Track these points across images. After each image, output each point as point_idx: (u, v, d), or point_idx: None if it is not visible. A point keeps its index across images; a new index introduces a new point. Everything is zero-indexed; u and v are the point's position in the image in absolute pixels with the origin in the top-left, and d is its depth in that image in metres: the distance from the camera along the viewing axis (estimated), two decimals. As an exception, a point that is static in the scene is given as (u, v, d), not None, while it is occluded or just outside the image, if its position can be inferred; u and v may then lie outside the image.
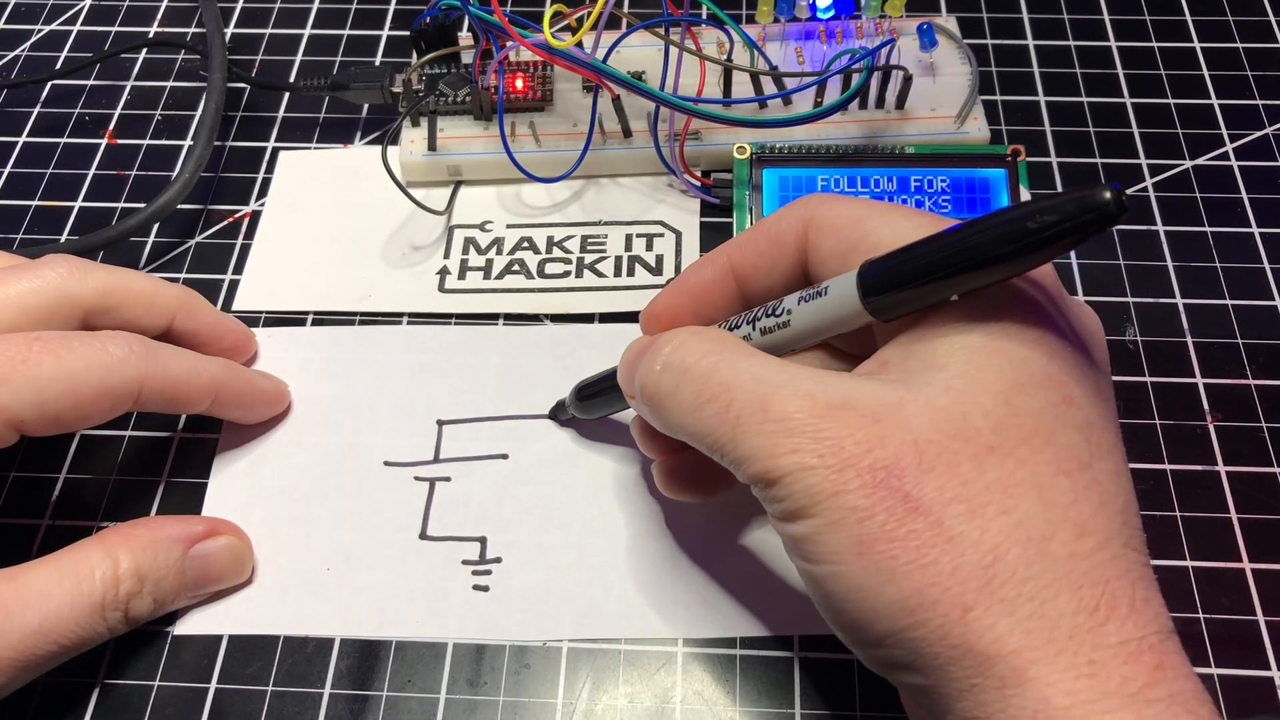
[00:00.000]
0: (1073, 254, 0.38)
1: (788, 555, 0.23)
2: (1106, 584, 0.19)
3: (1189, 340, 0.36)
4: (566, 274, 0.37)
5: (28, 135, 0.43)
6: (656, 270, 0.37)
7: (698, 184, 0.39)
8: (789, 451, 0.21)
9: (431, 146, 0.39)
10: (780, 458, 0.21)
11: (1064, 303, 0.22)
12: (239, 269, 0.38)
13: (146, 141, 0.43)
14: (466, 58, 0.41)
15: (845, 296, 0.22)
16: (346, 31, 0.46)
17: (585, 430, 0.34)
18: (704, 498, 0.29)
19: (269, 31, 0.46)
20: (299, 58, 0.45)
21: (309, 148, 0.42)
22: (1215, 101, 0.42)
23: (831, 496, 0.20)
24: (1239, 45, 0.44)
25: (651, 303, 0.28)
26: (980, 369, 0.21)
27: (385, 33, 0.46)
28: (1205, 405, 0.34)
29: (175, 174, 0.39)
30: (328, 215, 0.40)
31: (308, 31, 0.46)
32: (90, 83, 0.45)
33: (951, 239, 0.20)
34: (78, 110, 0.44)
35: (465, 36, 0.42)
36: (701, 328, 0.26)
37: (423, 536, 0.32)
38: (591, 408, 0.32)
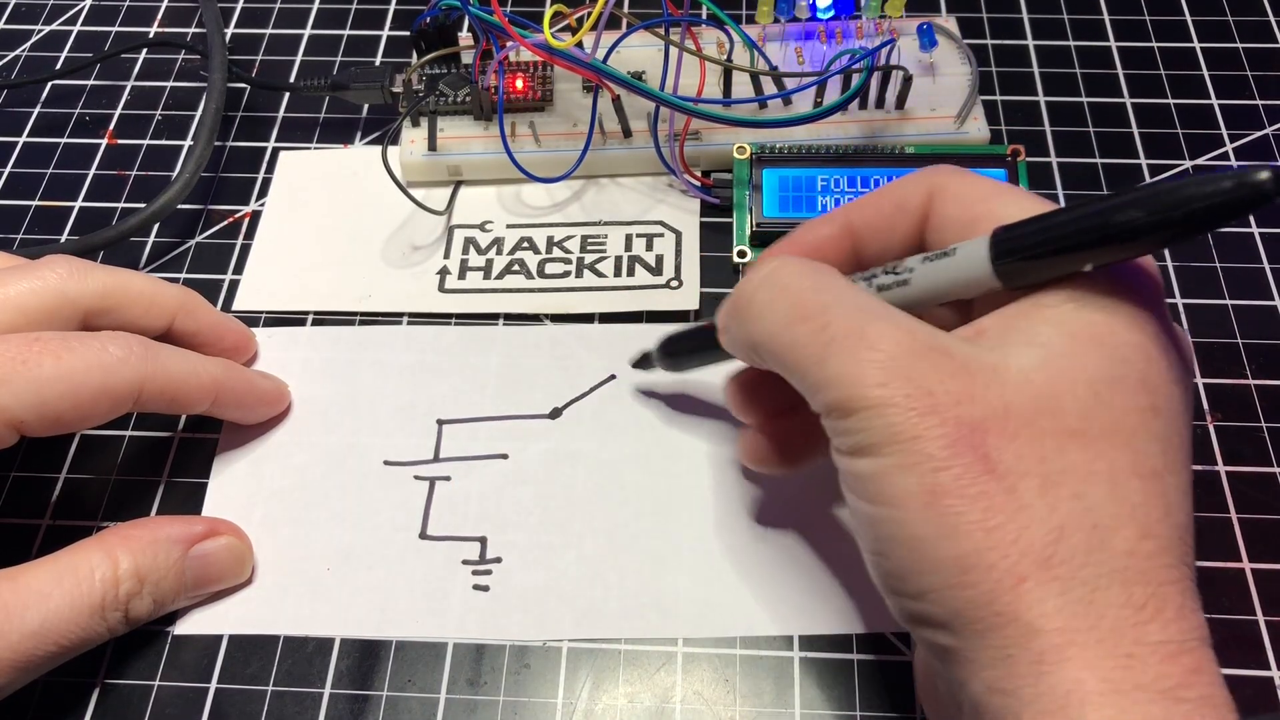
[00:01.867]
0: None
1: (844, 492, 0.22)
2: (1158, 587, 0.19)
3: (1194, 352, 0.36)
4: (566, 274, 0.37)
5: (28, 135, 0.43)
6: (656, 270, 0.37)
7: (698, 184, 0.39)
8: (877, 384, 0.20)
9: (431, 146, 0.39)
10: (867, 388, 0.20)
11: (1167, 314, 0.22)
12: (239, 269, 0.38)
13: (146, 141, 0.43)
14: (466, 58, 0.41)
15: (974, 259, 0.22)
16: (346, 31, 0.46)
17: (586, 430, 0.34)
18: (788, 469, 0.29)
19: (269, 31, 0.46)
20: (299, 58, 0.45)
21: (309, 148, 0.42)
22: (1215, 101, 0.42)
23: (911, 439, 0.20)
24: (1239, 45, 0.44)
25: (762, 255, 0.28)
26: (1079, 356, 0.21)
27: (385, 33, 0.46)
28: (1205, 405, 0.34)
29: (175, 174, 0.39)
30: (328, 215, 0.40)
31: (308, 31, 0.46)
32: (90, 83, 0.45)
33: (1090, 211, 0.20)
34: (78, 110, 0.44)
35: (465, 37, 0.42)
36: (796, 258, 0.25)
37: (423, 536, 0.32)
38: (679, 363, 0.32)
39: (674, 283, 0.37)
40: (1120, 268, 0.22)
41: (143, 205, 0.38)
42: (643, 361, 0.34)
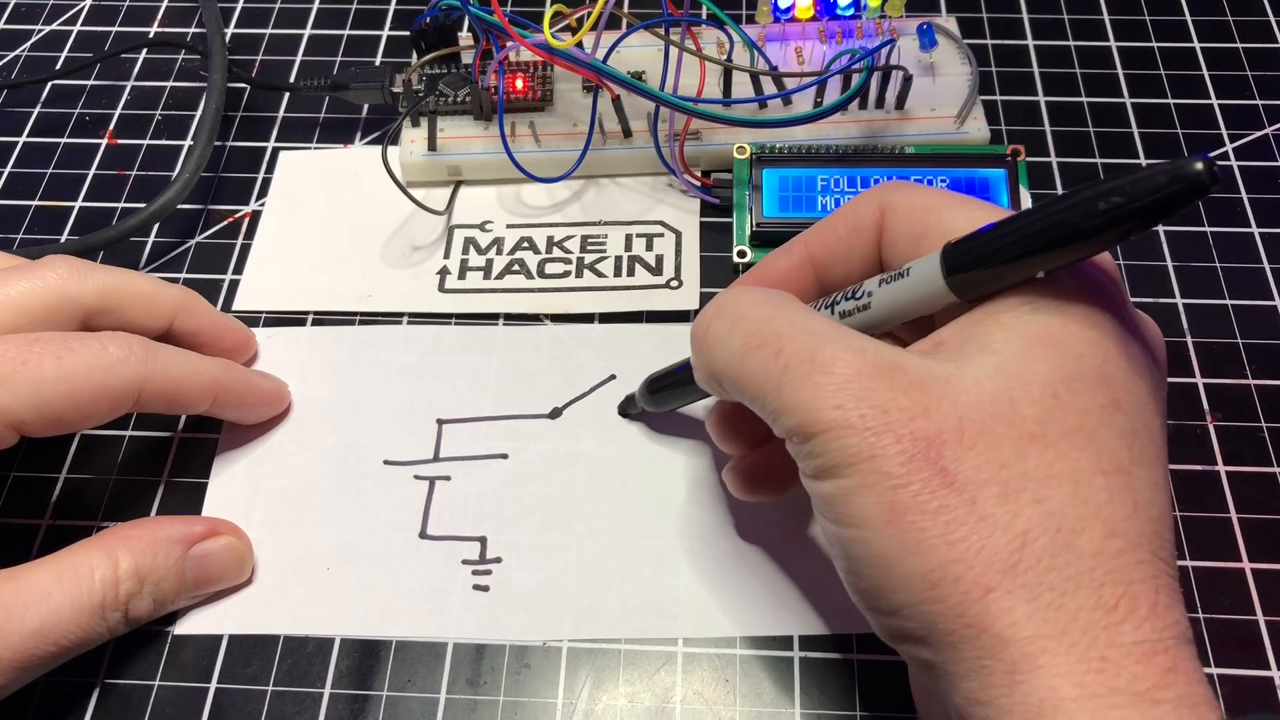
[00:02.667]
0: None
1: (816, 515, 0.22)
2: (1129, 585, 0.19)
3: (1189, 340, 0.36)
4: (566, 274, 0.37)
5: (28, 135, 0.43)
6: (656, 270, 0.37)
7: (698, 184, 0.39)
8: (832, 407, 0.21)
9: (431, 146, 0.39)
10: (822, 412, 0.21)
11: (1127, 308, 0.22)
12: (239, 269, 0.38)
13: (146, 141, 0.43)
14: (466, 58, 0.41)
15: (928, 277, 0.22)
16: (346, 31, 0.46)
17: (586, 430, 0.34)
18: (774, 496, 0.29)
19: (269, 31, 0.46)
20: (299, 58, 0.45)
21: (309, 148, 0.42)
22: (1215, 101, 0.42)
23: (868, 459, 0.20)
24: (1239, 45, 0.44)
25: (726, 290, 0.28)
26: (1033, 359, 0.21)
27: (385, 33, 0.46)
28: (1205, 405, 0.34)
29: (175, 174, 0.39)
30: (328, 215, 0.40)
31: (308, 31, 0.46)
32: (90, 83, 0.45)
33: (1036, 216, 0.20)
34: (78, 110, 0.44)
35: (465, 36, 0.42)
36: (755, 287, 0.25)
37: (423, 536, 0.32)
38: (662, 400, 0.32)
39: (674, 283, 0.37)
40: (1075, 266, 0.22)
41: (143, 205, 0.38)
42: (626, 405, 0.34)
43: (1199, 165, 0.18)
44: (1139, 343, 0.22)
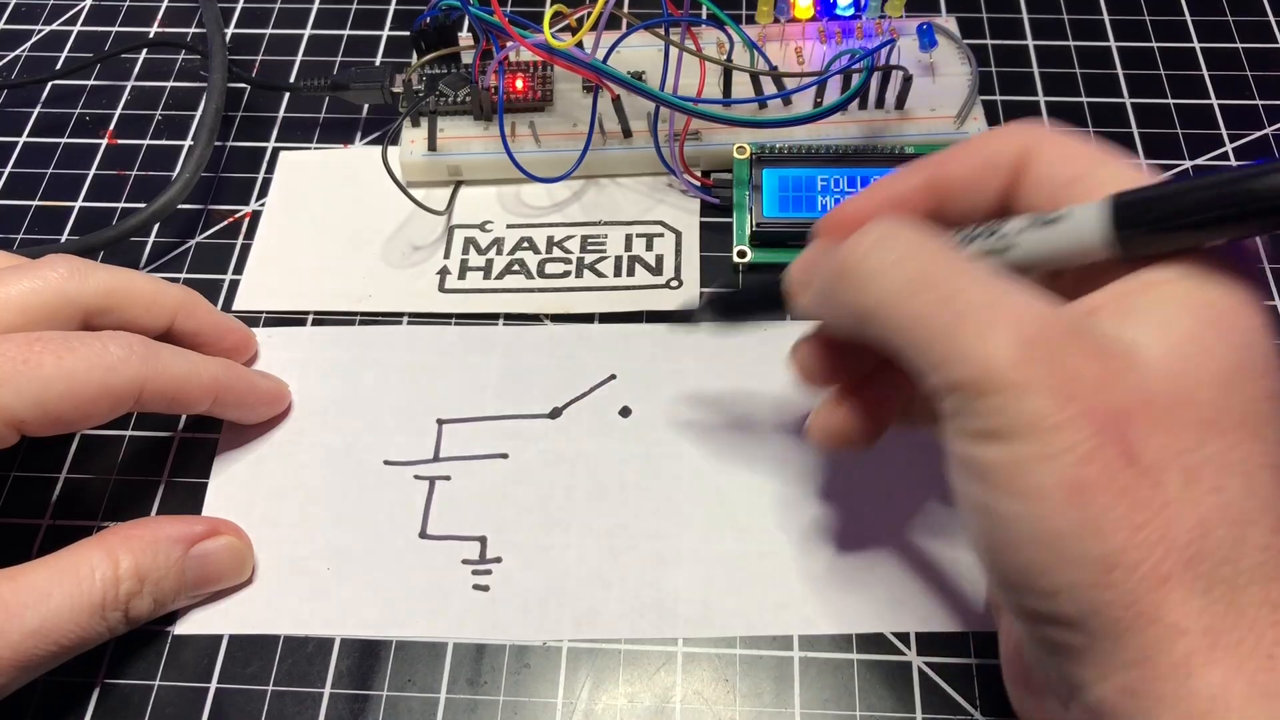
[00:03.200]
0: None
1: (958, 480, 0.21)
2: None
3: None
4: (566, 274, 0.37)
5: (28, 135, 0.43)
6: (656, 270, 0.37)
7: (698, 184, 0.39)
8: (1018, 363, 0.19)
9: (431, 146, 0.39)
10: (1005, 368, 0.19)
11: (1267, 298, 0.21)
12: (239, 269, 0.38)
13: (147, 141, 0.43)
14: (466, 58, 0.41)
15: (1090, 225, 0.20)
16: (346, 31, 0.46)
17: (586, 430, 0.34)
18: (866, 446, 0.26)
19: (269, 31, 0.46)
20: (299, 58, 0.45)
21: (309, 148, 0.42)
22: (1215, 101, 0.42)
23: (1053, 428, 0.19)
24: (1239, 45, 0.44)
25: (836, 209, 0.26)
26: (1209, 341, 0.19)
27: (385, 33, 0.46)
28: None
29: (175, 174, 0.39)
30: (328, 215, 0.40)
31: (308, 31, 0.46)
32: (90, 83, 0.45)
33: (1227, 178, 0.19)
34: (78, 110, 0.44)
35: (465, 37, 0.42)
36: (911, 221, 0.23)
37: (423, 536, 0.32)
38: (732, 313, 0.30)
39: (674, 283, 0.37)
40: (1236, 247, 0.20)
41: (143, 205, 0.38)
42: (698, 314, 0.32)
43: None
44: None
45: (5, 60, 0.46)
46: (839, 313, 0.23)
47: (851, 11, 0.41)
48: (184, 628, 0.30)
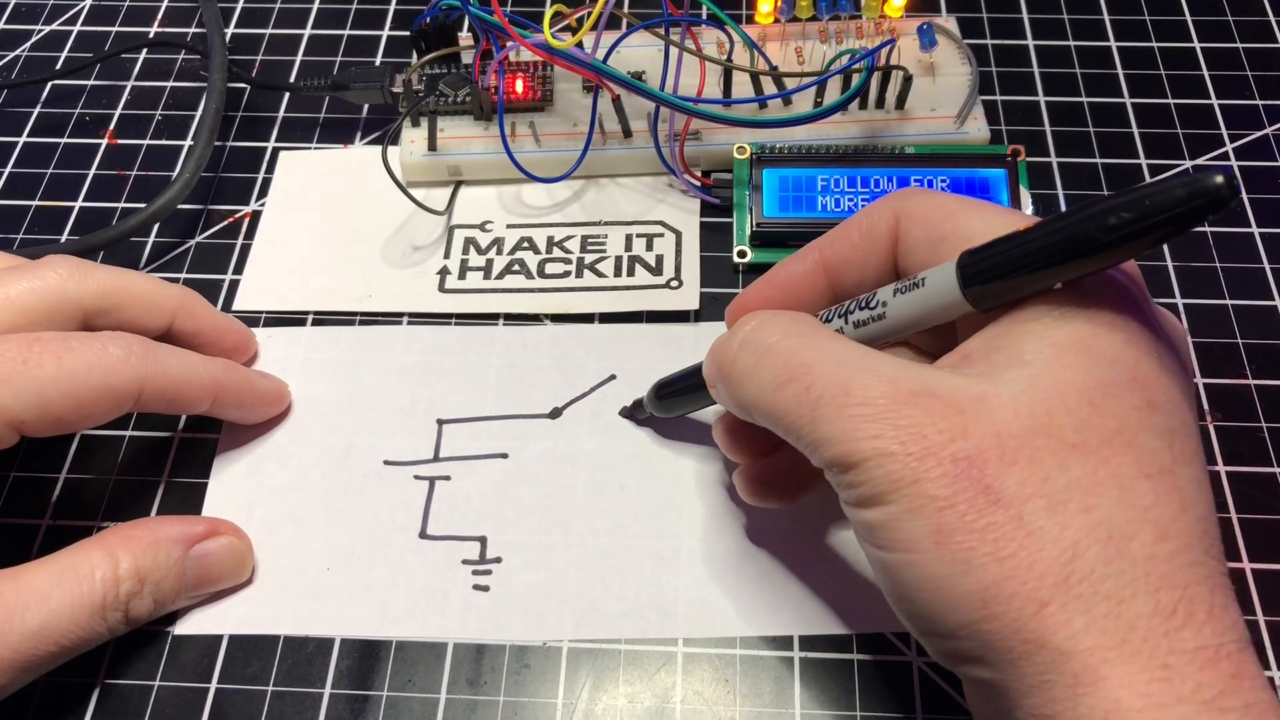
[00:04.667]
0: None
1: (859, 542, 0.22)
2: (1185, 589, 0.19)
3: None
4: (566, 274, 0.37)
5: (28, 135, 0.43)
6: (656, 270, 0.37)
7: (698, 184, 0.39)
8: (870, 436, 0.21)
9: (432, 146, 0.39)
10: (861, 442, 0.21)
11: (1150, 307, 0.22)
12: (239, 269, 0.38)
13: (147, 141, 0.43)
14: (466, 58, 0.41)
15: (943, 286, 0.22)
16: (346, 31, 0.46)
17: (586, 430, 0.34)
18: (788, 503, 0.29)
19: (269, 31, 0.46)
20: (299, 58, 0.45)
21: (309, 148, 0.42)
22: (1215, 101, 0.42)
23: (912, 484, 0.20)
24: (1239, 45, 0.44)
25: (739, 296, 0.28)
26: (1066, 367, 0.20)
27: (385, 33, 0.46)
28: (1205, 405, 0.34)
29: (175, 174, 0.39)
30: (328, 215, 0.40)
31: (308, 32, 0.46)
32: (90, 83, 0.45)
33: (1054, 226, 0.20)
34: (78, 110, 0.44)
35: (465, 36, 0.42)
36: (783, 310, 0.25)
37: (423, 536, 0.32)
38: (671, 405, 0.32)
39: (674, 283, 0.37)
40: (1096, 276, 0.21)
41: (143, 205, 0.38)
42: (633, 410, 0.34)
43: (1218, 179, 0.18)
44: (1165, 341, 0.22)
45: (5, 60, 0.46)
46: (733, 408, 0.25)
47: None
48: (184, 628, 0.30)
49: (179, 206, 0.39)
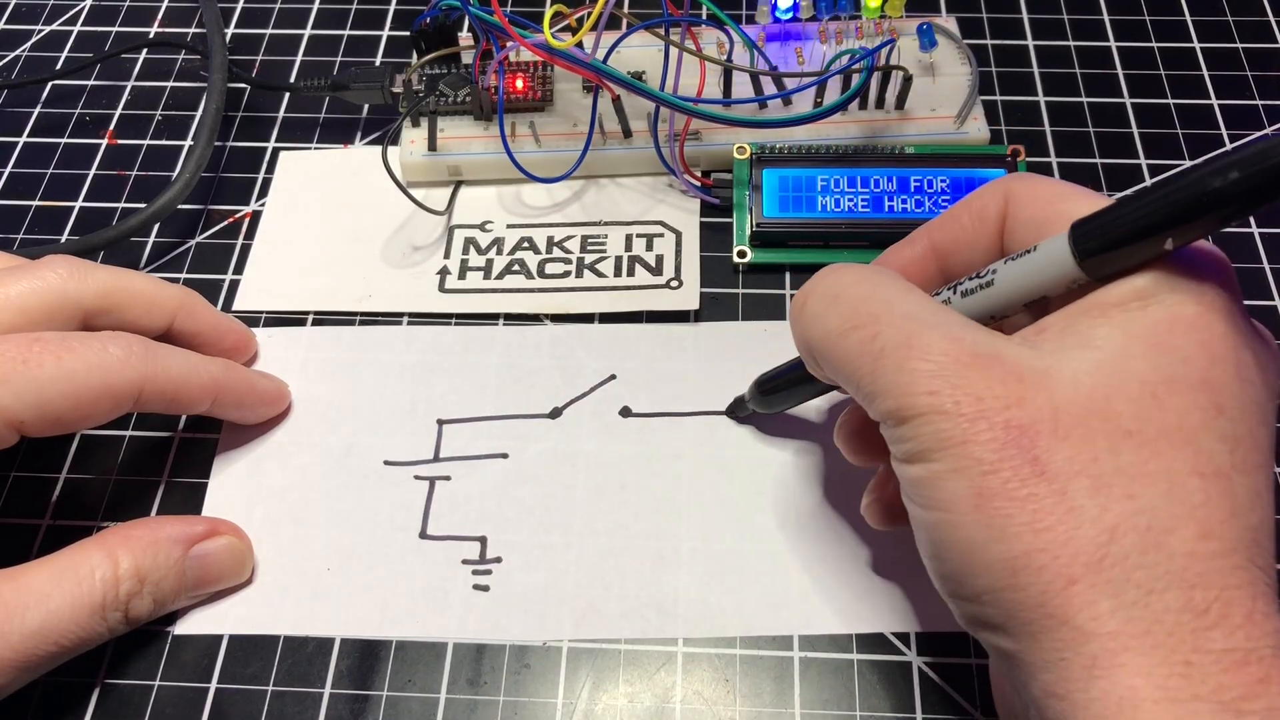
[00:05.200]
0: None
1: (904, 498, 0.23)
2: (1222, 590, 0.19)
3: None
4: (566, 274, 0.37)
5: (28, 135, 0.43)
6: (656, 270, 0.37)
7: (698, 184, 0.39)
8: (927, 392, 0.21)
9: (432, 146, 0.39)
10: (917, 397, 0.21)
11: (1242, 316, 0.22)
12: (239, 269, 0.38)
13: (147, 142, 0.43)
14: (466, 58, 0.41)
15: (1055, 253, 0.22)
16: (347, 32, 0.46)
17: (586, 430, 0.34)
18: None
19: (269, 32, 0.46)
20: (299, 58, 0.45)
21: (309, 148, 0.42)
22: (1215, 102, 0.42)
23: (960, 444, 0.20)
24: (1239, 45, 0.44)
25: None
26: (1135, 357, 0.20)
27: (385, 33, 0.46)
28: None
29: (175, 174, 0.39)
30: (328, 215, 0.40)
31: (308, 32, 0.46)
32: (90, 83, 0.45)
33: (1163, 191, 0.20)
34: (78, 110, 0.44)
35: (465, 37, 0.42)
36: (853, 265, 0.26)
37: (423, 536, 0.32)
38: (774, 401, 0.31)
39: (674, 283, 0.37)
40: (1192, 265, 0.21)
41: (143, 205, 0.38)
42: (735, 408, 0.34)
43: None
44: (1251, 351, 0.21)
45: (5, 60, 0.46)
46: (800, 350, 0.26)
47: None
48: (184, 628, 0.30)
49: (179, 206, 0.39)
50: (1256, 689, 0.18)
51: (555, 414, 0.34)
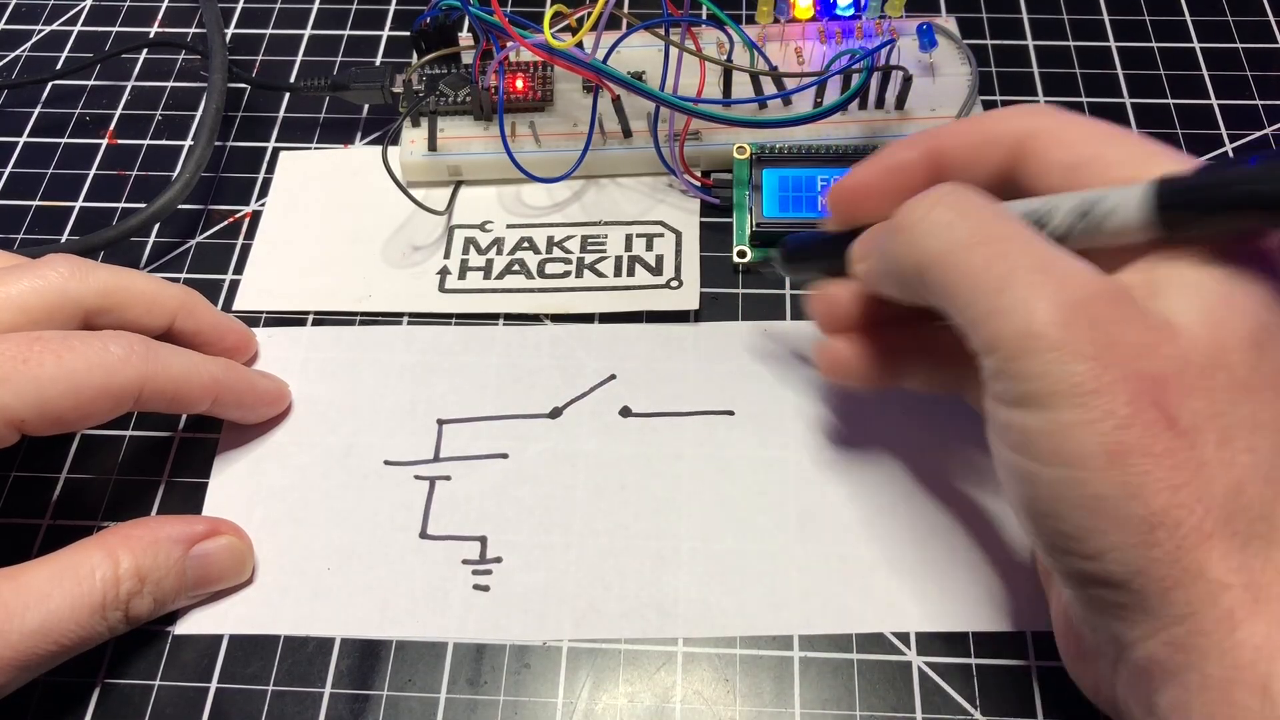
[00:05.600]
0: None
1: (1002, 448, 0.21)
2: None
3: None
4: (566, 274, 0.37)
5: (28, 135, 0.43)
6: (656, 270, 0.37)
7: (698, 184, 0.39)
8: (1062, 322, 0.19)
9: (432, 146, 0.39)
10: (1050, 326, 0.19)
11: None
12: (239, 269, 0.38)
13: (147, 141, 0.43)
14: (467, 58, 0.41)
15: (1130, 207, 0.21)
16: (347, 32, 0.46)
17: (586, 430, 0.34)
18: (865, 381, 0.28)
19: (269, 32, 0.46)
20: (299, 58, 0.45)
21: (309, 148, 0.42)
22: (1215, 102, 0.42)
23: (1093, 393, 0.19)
24: (1239, 45, 0.44)
25: (844, 177, 0.27)
26: (1237, 308, 0.20)
27: (385, 33, 0.46)
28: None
29: (176, 174, 0.39)
30: (328, 215, 0.40)
31: (308, 32, 0.46)
32: (91, 83, 0.45)
33: (1268, 171, 0.19)
34: (78, 110, 0.44)
35: (465, 37, 0.42)
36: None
37: (423, 536, 0.32)
38: (802, 268, 0.31)
39: (674, 283, 0.37)
40: (1240, 244, 0.21)
41: (143, 205, 0.38)
42: (760, 265, 0.35)
43: None
44: None
45: (5, 60, 0.46)
46: (898, 266, 0.24)
47: (851, 11, 0.41)
48: (184, 628, 0.30)
49: (179, 206, 0.39)
50: None
51: (555, 414, 0.34)
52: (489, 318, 0.37)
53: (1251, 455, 0.19)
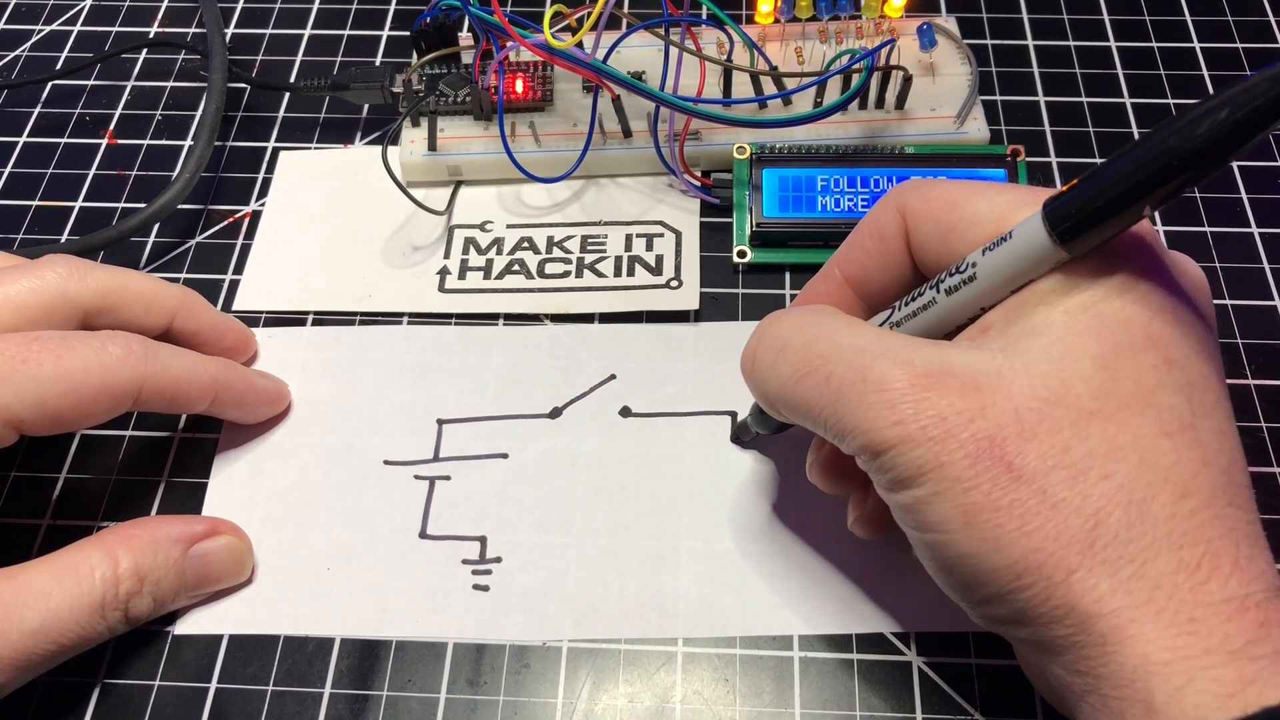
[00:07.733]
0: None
1: (898, 520, 0.23)
2: (1208, 543, 0.20)
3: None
4: (566, 274, 0.37)
5: (28, 135, 0.43)
6: (656, 270, 0.37)
7: (698, 184, 0.39)
8: (892, 423, 0.21)
9: (432, 146, 0.39)
10: (884, 430, 0.21)
11: (1165, 257, 0.22)
12: (239, 269, 0.38)
13: (147, 141, 0.43)
14: (466, 58, 0.41)
15: (1032, 236, 0.21)
16: (347, 32, 0.46)
17: (586, 430, 0.34)
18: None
19: (269, 31, 0.46)
20: (299, 58, 0.45)
21: (309, 148, 0.42)
22: (1215, 101, 0.42)
23: (936, 468, 0.21)
24: (1239, 45, 0.44)
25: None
26: (1079, 334, 0.21)
27: (385, 33, 0.46)
28: (1205, 405, 0.34)
29: (175, 174, 0.39)
30: (328, 215, 0.40)
31: (308, 32, 0.46)
32: (90, 83, 0.45)
33: (1137, 153, 0.19)
34: (78, 110, 0.44)
35: (465, 37, 0.42)
36: (801, 306, 0.26)
37: (423, 536, 0.32)
38: (772, 423, 0.31)
39: (674, 283, 0.37)
40: (1112, 247, 0.21)
41: (143, 205, 0.38)
42: (739, 432, 0.33)
43: None
44: (1180, 293, 0.22)
45: (5, 60, 0.46)
46: (762, 404, 0.26)
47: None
48: (184, 628, 0.30)
49: (179, 206, 0.39)
50: (1260, 633, 0.19)
51: (555, 414, 0.34)
52: (489, 318, 0.37)
53: (1109, 481, 0.20)
